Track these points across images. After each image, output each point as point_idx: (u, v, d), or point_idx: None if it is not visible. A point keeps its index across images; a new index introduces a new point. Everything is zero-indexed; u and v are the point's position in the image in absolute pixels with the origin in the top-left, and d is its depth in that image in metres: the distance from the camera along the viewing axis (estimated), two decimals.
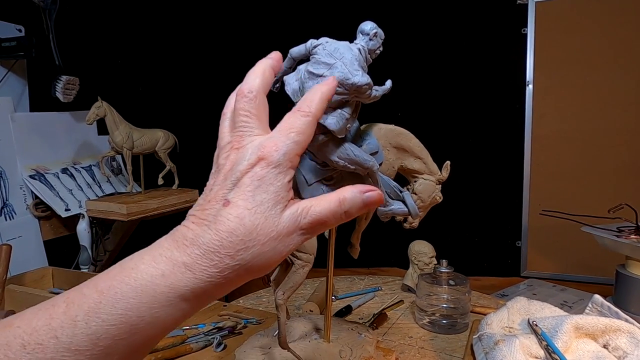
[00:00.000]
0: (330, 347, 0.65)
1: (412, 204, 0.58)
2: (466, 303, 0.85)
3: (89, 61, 1.40)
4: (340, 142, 0.52)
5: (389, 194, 0.58)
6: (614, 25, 1.48)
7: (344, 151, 0.52)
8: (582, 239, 0.94)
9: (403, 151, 0.64)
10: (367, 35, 0.50)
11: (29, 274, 1.08)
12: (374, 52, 0.51)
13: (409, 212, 0.58)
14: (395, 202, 0.58)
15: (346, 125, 0.50)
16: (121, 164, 1.46)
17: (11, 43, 1.12)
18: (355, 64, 0.48)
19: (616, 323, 0.64)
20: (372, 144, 0.58)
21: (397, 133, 0.63)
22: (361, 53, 0.49)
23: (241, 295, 1.06)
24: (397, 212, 0.58)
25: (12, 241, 1.13)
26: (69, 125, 1.33)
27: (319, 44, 0.49)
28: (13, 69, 1.17)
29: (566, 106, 1.57)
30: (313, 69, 0.48)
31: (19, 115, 1.20)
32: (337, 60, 0.47)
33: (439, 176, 0.67)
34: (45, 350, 0.26)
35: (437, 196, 0.67)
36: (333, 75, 0.47)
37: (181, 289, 0.29)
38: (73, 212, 1.23)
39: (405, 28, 1.73)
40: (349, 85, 0.47)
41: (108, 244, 1.35)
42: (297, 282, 0.59)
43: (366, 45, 0.50)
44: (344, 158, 0.52)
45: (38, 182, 1.21)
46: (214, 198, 0.31)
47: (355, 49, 0.49)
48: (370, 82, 0.48)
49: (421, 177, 0.66)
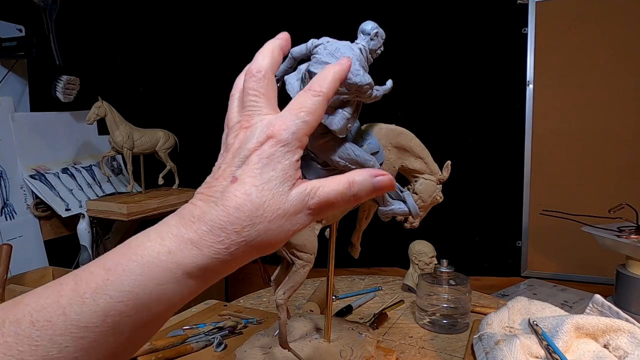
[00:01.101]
0: (331, 347, 0.65)
1: (412, 204, 0.58)
2: (466, 303, 0.85)
3: (89, 61, 1.40)
4: (341, 142, 0.52)
5: (390, 194, 0.58)
6: (614, 25, 1.48)
7: (345, 151, 0.52)
8: (582, 238, 0.94)
9: (404, 151, 0.64)
10: (368, 35, 0.50)
11: (30, 273, 1.08)
12: (375, 52, 0.51)
13: (410, 212, 0.58)
14: (396, 202, 0.58)
15: (347, 125, 0.50)
16: (121, 164, 1.46)
17: (12, 43, 1.12)
18: (356, 63, 0.48)
19: (617, 323, 0.64)
20: (373, 143, 0.58)
21: (397, 133, 0.63)
22: (362, 53, 0.49)
23: (241, 295, 1.06)
24: (397, 212, 0.58)
25: (12, 241, 1.13)
26: (69, 125, 1.33)
27: (319, 44, 0.49)
28: (13, 68, 1.17)
29: (566, 106, 1.57)
30: (314, 69, 0.49)
31: (19, 115, 1.20)
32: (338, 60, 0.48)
33: (439, 176, 0.67)
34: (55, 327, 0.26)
35: (438, 196, 0.67)
36: None
37: (188, 266, 0.29)
38: (73, 212, 1.23)
39: (405, 28, 1.73)
40: (350, 85, 0.47)
41: (108, 244, 1.36)
42: (297, 281, 0.58)
43: (367, 45, 0.50)
44: (345, 158, 0.52)
45: (38, 182, 1.21)
46: (221, 175, 0.31)
47: (356, 49, 0.49)
48: (371, 82, 0.48)
49: (422, 177, 0.66)
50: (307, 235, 0.58)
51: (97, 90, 1.25)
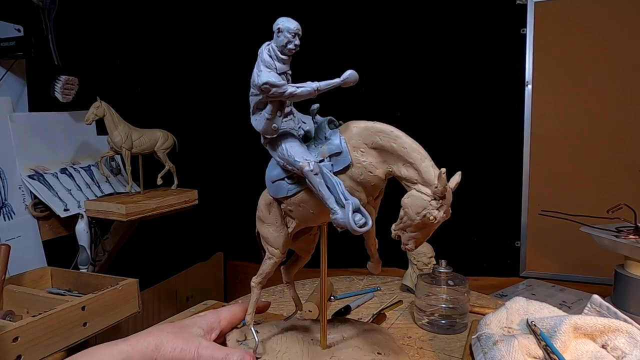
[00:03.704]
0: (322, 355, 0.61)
1: (346, 216, 0.47)
2: (465, 303, 0.85)
3: (88, 61, 1.40)
4: (278, 141, 0.53)
5: (337, 200, 0.49)
6: (613, 25, 1.48)
7: (282, 151, 0.53)
8: (581, 239, 0.95)
9: (386, 153, 0.51)
10: (274, 32, 0.50)
11: (28, 274, 1.08)
12: (285, 47, 0.49)
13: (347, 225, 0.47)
14: (340, 211, 0.48)
15: (270, 125, 0.52)
16: (120, 164, 1.46)
17: (10, 43, 1.12)
18: (260, 65, 0.50)
19: (615, 323, 0.64)
20: (333, 144, 0.52)
21: (374, 131, 0.51)
22: (270, 52, 0.50)
23: (240, 295, 1.06)
24: (339, 223, 0.48)
25: (10, 241, 1.13)
26: (68, 125, 1.33)
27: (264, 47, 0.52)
28: (12, 69, 1.17)
29: (565, 106, 1.57)
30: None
31: (17, 115, 1.20)
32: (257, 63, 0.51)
33: (434, 188, 0.48)
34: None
35: (430, 215, 0.49)
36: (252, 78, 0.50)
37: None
38: (72, 212, 1.23)
39: (405, 28, 1.74)
40: (254, 87, 0.50)
41: (107, 244, 1.35)
42: (264, 270, 0.62)
43: (274, 43, 0.50)
44: (282, 157, 0.53)
45: (37, 182, 1.21)
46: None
47: (263, 49, 0.51)
48: (269, 81, 0.48)
49: (414, 187, 0.50)
50: (273, 230, 0.60)
51: (96, 90, 1.25)
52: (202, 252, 2.06)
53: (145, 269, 1.60)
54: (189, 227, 1.88)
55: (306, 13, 1.82)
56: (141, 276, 1.08)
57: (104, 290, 0.96)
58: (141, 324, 1.47)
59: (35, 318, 0.81)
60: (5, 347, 0.75)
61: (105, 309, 0.95)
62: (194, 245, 1.98)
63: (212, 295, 1.61)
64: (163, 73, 1.74)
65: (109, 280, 1.03)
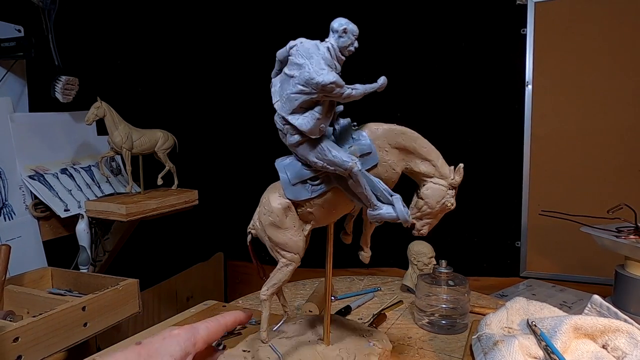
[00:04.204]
0: (329, 351, 0.63)
1: (401, 209, 0.53)
2: (465, 303, 0.85)
3: (89, 61, 1.40)
4: (317, 142, 0.52)
5: (378, 197, 0.54)
6: (613, 25, 1.48)
7: (322, 152, 0.52)
8: (581, 239, 0.95)
9: (407, 152, 0.58)
10: (336, 32, 0.49)
11: (28, 274, 1.08)
12: (345, 49, 0.50)
13: (398, 218, 0.54)
14: (384, 207, 0.54)
15: (319, 126, 0.51)
16: (120, 164, 1.46)
17: (10, 43, 1.12)
18: (321, 62, 0.48)
19: (615, 323, 0.64)
20: (364, 144, 0.56)
21: (397, 133, 0.58)
22: (329, 51, 0.49)
23: (240, 295, 1.06)
24: (385, 217, 0.54)
25: (11, 241, 1.13)
26: (68, 126, 1.33)
27: (294, 45, 0.50)
28: (12, 69, 1.17)
29: (565, 106, 1.57)
30: (288, 70, 0.50)
31: (18, 115, 1.20)
32: (306, 60, 0.48)
33: (451, 180, 0.60)
34: None
35: (449, 202, 0.60)
36: (302, 75, 0.48)
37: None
38: (72, 212, 1.23)
39: (405, 28, 1.74)
40: (314, 85, 0.47)
41: (107, 244, 1.35)
42: (280, 279, 0.57)
43: (335, 43, 0.49)
44: (321, 159, 0.52)
45: (37, 183, 1.21)
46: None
47: (323, 48, 0.49)
48: (335, 81, 0.47)
49: (430, 180, 0.60)
50: (291, 235, 0.56)
51: (96, 90, 1.25)
52: (202, 252, 2.06)
53: (146, 269, 1.60)
54: (189, 227, 1.88)
55: (306, 13, 1.82)
56: (141, 276, 1.08)
57: (105, 290, 0.96)
58: (141, 324, 1.47)
59: (35, 318, 0.81)
60: (6, 347, 0.75)
61: (106, 309, 0.95)
62: (194, 246, 1.98)
63: (212, 296, 1.61)
64: (163, 73, 1.74)
65: (110, 280, 1.03)
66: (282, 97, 0.51)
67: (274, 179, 0.58)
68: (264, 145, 2.04)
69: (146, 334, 0.81)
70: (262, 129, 2.00)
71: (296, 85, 0.49)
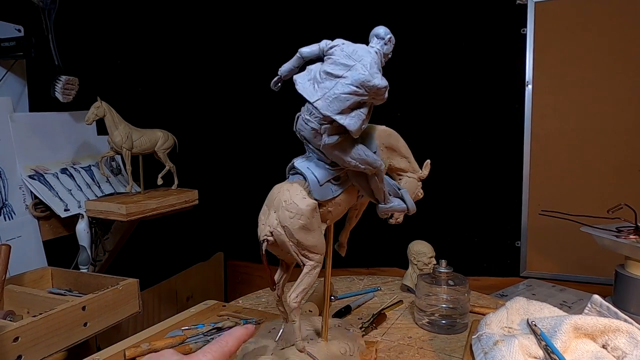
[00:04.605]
0: (332, 346, 0.65)
1: (410, 200, 0.61)
2: (465, 303, 0.85)
3: (89, 61, 1.40)
4: (354, 142, 0.54)
5: (389, 191, 0.60)
6: (613, 25, 1.48)
7: (357, 151, 0.54)
8: (581, 239, 0.95)
9: (392, 150, 0.66)
10: (382, 39, 0.52)
11: (28, 274, 1.08)
12: (387, 55, 0.53)
13: (407, 208, 0.61)
14: (395, 200, 0.61)
15: (362, 126, 0.52)
16: (120, 164, 1.46)
17: (10, 43, 1.12)
18: (374, 66, 0.50)
19: (615, 323, 0.64)
20: (373, 144, 0.60)
21: (388, 134, 0.64)
22: (378, 56, 0.51)
23: (240, 295, 1.06)
24: (397, 209, 0.61)
25: (11, 241, 1.13)
26: (68, 126, 1.33)
27: (334, 45, 0.51)
28: (12, 69, 1.17)
29: (566, 106, 1.57)
30: (331, 70, 0.50)
31: (18, 115, 1.20)
32: (356, 62, 0.49)
33: (420, 174, 0.69)
34: None
35: (420, 192, 0.70)
36: (357, 76, 0.49)
37: None
38: (72, 212, 1.23)
39: (405, 28, 1.73)
40: (369, 87, 0.49)
41: (107, 244, 1.35)
42: (309, 284, 0.57)
43: (381, 50, 0.52)
44: (356, 158, 0.54)
45: (37, 182, 1.21)
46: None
47: (373, 52, 0.51)
48: (387, 85, 0.50)
49: (405, 175, 0.68)
50: (318, 236, 0.56)
51: (96, 90, 1.25)
52: (202, 252, 2.06)
53: (146, 269, 1.60)
54: (189, 227, 1.88)
55: (306, 12, 1.82)
56: (141, 276, 1.08)
57: (105, 290, 0.96)
58: (141, 324, 1.47)
59: (35, 318, 0.81)
60: (6, 347, 0.75)
61: (106, 309, 0.95)
62: (194, 245, 1.98)
63: (212, 295, 1.61)
64: (163, 73, 1.74)
65: (110, 280, 1.03)
66: (327, 97, 0.50)
67: (273, 178, 0.58)
68: (264, 145, 2.05)
69: (146, 333, 0.81)
70: (262, 129, 2.00)
71: (348, 86, 0.49)
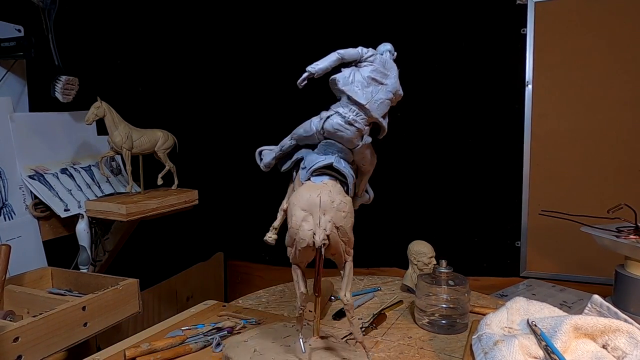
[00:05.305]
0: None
1: (371, 192, 0.67)
2: (465, 303, 0.85)
3: (89, 61, 1.40)
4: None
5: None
6: (613, 25, 1.48)
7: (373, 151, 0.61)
8: (581, 239, 0.95)
9: None
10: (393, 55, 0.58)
11: (28, 274, 1.08)
12: None
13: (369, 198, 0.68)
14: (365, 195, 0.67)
15: None
16: (120, 164, 1.46)
17: (10, 43, 1.12)
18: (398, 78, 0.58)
19: (615, 323, 0.64)
20: None
21: None
22: None
23: (240, 295, 1.06)
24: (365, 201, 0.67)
25: (11, 241, 1.13)
26: (68, 126, 1.33)
27: (372, 54, 0.57)
28: (12, 69, 1.17)
29: (565, 106, 1.57)
30: (375, 76, 0.55)
31: (18, 115, 1.20)
32: (389, 72, 0.56)
33: None
34: None
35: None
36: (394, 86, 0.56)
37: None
38: (72, 212, 1.23)
39: (405, 28, 1.74)
40: (398, 96, 0.56)
41: (107, 244, 1.35)
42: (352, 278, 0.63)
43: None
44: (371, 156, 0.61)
45: (37, 182, 1.21)
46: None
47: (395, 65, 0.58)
48: None
49: None
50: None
51: (96, 90, 1.25)
52: (202, 252, 2.06)
53: (146, 269, 1.60)
54: (189, 227, 1.88)
55: (306, 12, 1.82)
56: (141, 276, 1.08)
57: (105, 290, 0.96)
58: (141, 324, 1.47)
59: (35, 318, 0.81)
60: (6, 347, 0.75)
61: (106, 309, 0.95)
62: (194, 245, 1.98)
63: (212, 295, 1.61)
64: (163, 73, 1.74)
65: (110, 280, 1.03)
66: (374, 101, 0.55)
67: (273, 178, 0.59)
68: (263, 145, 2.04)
69: (146, 333, 0.81)
70: (262, 129, 2.00)
71: (389, 92, 0.56)
